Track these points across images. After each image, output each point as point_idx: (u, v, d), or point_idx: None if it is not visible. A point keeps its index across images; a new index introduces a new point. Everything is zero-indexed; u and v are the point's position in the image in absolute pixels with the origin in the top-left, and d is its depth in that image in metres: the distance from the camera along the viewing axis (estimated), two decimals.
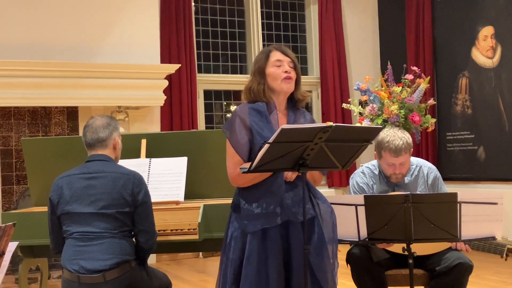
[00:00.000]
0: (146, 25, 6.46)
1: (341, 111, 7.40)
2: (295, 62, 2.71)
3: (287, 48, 2.75)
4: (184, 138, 3.95)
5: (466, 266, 3.14)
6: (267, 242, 2.56)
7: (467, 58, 6.74)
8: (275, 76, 2.65)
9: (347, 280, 3.54)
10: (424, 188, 3.37)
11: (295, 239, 2.58)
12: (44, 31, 5.96)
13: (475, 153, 6.68)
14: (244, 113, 2.62)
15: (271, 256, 2.55)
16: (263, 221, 2.55)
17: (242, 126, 2.59)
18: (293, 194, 2.60)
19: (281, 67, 2.65)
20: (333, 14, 7.61)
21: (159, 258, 6.53)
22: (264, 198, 2.57)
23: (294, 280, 2.57)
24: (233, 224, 2.65)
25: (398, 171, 3.27)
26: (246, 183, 2.60)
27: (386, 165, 3.29)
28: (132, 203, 2.92)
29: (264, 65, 2.67)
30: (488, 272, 5.24)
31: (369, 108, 5.92)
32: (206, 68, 7.33)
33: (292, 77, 2.67)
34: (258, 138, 2.58)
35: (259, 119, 2.62)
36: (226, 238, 2.67)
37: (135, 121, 6.49)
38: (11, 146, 5.94)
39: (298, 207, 2.58)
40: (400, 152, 3.20)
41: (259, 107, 2.64)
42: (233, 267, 2.58)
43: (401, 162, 3.24)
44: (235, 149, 2.59)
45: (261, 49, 2.81)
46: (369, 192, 3.36)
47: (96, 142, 3.01)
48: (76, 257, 2.87)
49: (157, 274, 3.18)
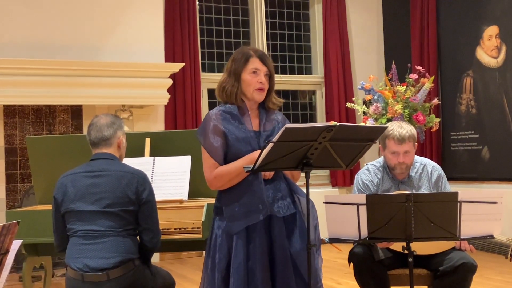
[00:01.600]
0: (151, 24, 6.46)
1: (345, 110, 7.39)
2: (271, 72, 2.73)
3: (266, 55, 2.76)
4: (188, 137, 3.95)
5: (470, 266, 3.13)
6: (252, 241, 2.58)
7: (471, 58, 6.73)
8: (249, 83, 2.67)
9: (350, 279, 3.54)
10: (428, 186, 3.37)
11: (277, 234, 2.61)
12: (49, 30, 5.97)
13: (479, 153, 6.66)
14: (217, 118, 2.66)
15: (258, 254, 2.57)
16: (246, 219, 2.58)
17: (215, 131, 2.63)
18: (273, 191, 2.63)
19: (257, 77, 2.67)
20: (337, 13, 7.60)
21: (162, 257, 6.54)
22: (245, 197, 2.60)
23: (278, 275, 2.60)
24: (216, 226, 2.67)
25: (402, 160, 3.25)
26: (223, 185, 2.64)
27: (390, 155, 3.29)
28: (136, 201, 2.92)
29: (241, 69, 2.69)
30: (492, 272, 5.23)
31: (373, 107, 5.91)
32: (210, 67, 7.34)
33: (264, 89, 2.69)
34: (231, 140, 2.62)
35: (232, 122, 2.66)
36: (210, 241, 2.69)
37: (139, 119, 6.50)
38: (15, 144, 5.96)
39: (278, 203, 2.62)
40: (404, 140, 3.22)
41: (231, 110, 2.68)
42: (220, 269, 2.60)
43: (405, 150, 3.24)
44: (210, 153, 2.63)
45: (241, 49, 2.79)
46: (373, 189, 3.37)
47: (100, 141, 3.02)
48: (80, 256, 2.87)
49: (161, 273, 3.19)
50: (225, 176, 2.60)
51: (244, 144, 2.61)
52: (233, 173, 2.59)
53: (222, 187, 2.65)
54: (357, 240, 2.82)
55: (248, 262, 2.56)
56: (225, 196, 2.67)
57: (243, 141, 2.62)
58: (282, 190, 2.66)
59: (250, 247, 2.58)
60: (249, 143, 2.62)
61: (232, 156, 2.62)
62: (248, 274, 2.55)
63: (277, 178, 2.67)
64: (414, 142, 3.28)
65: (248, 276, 2.55)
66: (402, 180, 3.38)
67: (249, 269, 2.56)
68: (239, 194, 2.62)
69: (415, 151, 3.34)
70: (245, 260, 2.56)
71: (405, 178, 3.38)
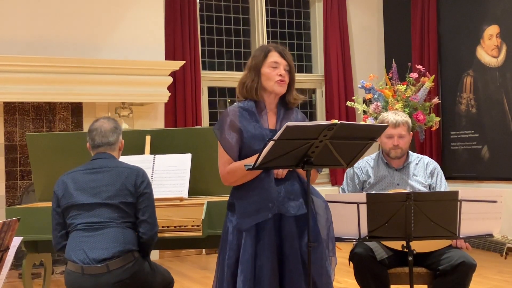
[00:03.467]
0: (151, 22, 6.47)
1: (345, 109, 7.39)
2: (291, 66, 2.74)
3: (286, 49, 2.78)
4: (188, 135, 3.96)
5: (469, 265, 3.14)
6: (261, 238, 2.58)
7: (472, 57, 6.73)
8: (269, 77, 2.68)
9: (350, 278, 3.54)
10: (423, 175, 3.47)
11: (288, 233, 2.61)
12: (49, 27, 5.97)
13: (479, 152, 6.67)
14: (234, 114, 2.67)
15: (266, 252, 2.57)
16: (255, 216, 2.58)
17: (232, 127, 2.64)
18: (285, 190, 2.63)
19: (277, 70, 2.68)
20: (337, 11, 7.60)
21: (162, 255, 6.54)
22: (256, 194, 2.61)
23: (287, 275, 2.60)
24: (229, 223, 2.68)
25: (396, 143, 3.42)
26: (236, 181, 2.65)
27: (385, 139, 3.45)
28: (135, 193, 2.99)
29: (261, 63, 2.71)
30: (491, 271, 5.23)
31: (373, 106, 5.91)
32: (211, 65, 7.34)
33: (285, 81, 2.70)
34: (246, 138, 2.63)
35: (249, 118, 2.67)
36: (222, 236, 2.70)
37: (139, 117, 6.49)
38: (15, 141, 5.96)
39: (289, 202, 2.62)
40: (399, 124, 3.42)
41: (249, 107, 2.69)
42: (229, 265, 2.61)
43: (400, 134, 3.43)
44: (225, 149, 2.64)
45: (261, 46, 2.83)
46: (362, 177, 3.50)
47: (105, 145, 3.12)
48: (80, 247, 2.91)
49: (160, 270, 3.21)
50: (237, 172, 2.60)
51: (258, 142, 2.61)
52: (245, 170, 2.57)
53: (235, 183, 2.66)
54: (357, 239, 2.83)
55: (256, 259, 2.57)
56: (237, 192, 2.68)
57: (258, 139, 2.62)
58: (295, 190, 2.65)
59: (259, 244, 2.58)
60: (263, 141, 2.61)
61: (246, 153, 2.63)
62: (255, 271, 2.55)
63: (290, 177, 2.66)
64: (408, 128, 3.46)
65: (256, 273, 2.55)
66: (398, 168, 3.48)
67: (257, 266, 2.56)
68: (250, 191, 2.62)
69: (409, 139, 3.48)
70: (253, 257, 2.56)
71: (400, 166, 3.48)
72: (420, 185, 3.42)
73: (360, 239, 2.84)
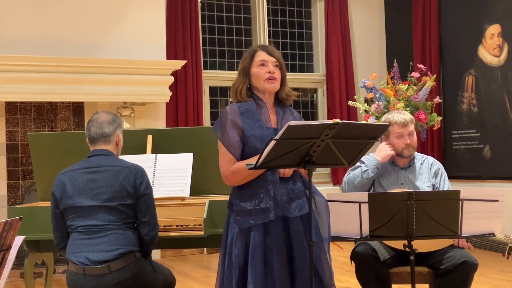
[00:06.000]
0: (152, 21, 6.47)
1: (347, 108, 7.39)
2: (280, 62, 2.74)
3: (273, 47, 2.78)
4: (190, 134, 3.96)
5: (471, 264, 3.14)
6: (270, 237, 2.58)
7: (473, 56, 6.72)
8: (258, 76, 2.69)
9: (351, 277, 3.54)
10: (427, 175, 3.47)
11: (295, 232, 2.61)
12: (50, 27, 5.97)
13: (480, 152, 6.66)
14: (235, 113, 2.66)
15: (276, 250, 2.57)
16: (256, 217, 2.58)
17: (232, 126, 2.63)
18: (288, 190, 2.63)
19: (265, 67, 2.69)
20: (339, 11, 7.60)
21: (163, 254, 6.55)
22: (257, 194, 2.60)
23: (298, 274, 2.60)
24: (231, 223, 2.67)
25: (408, 141, 3.44)
26: (239, 181, 2.64)
27: (396, 140, 3.45)
28: (134, 194, 2.94)
29: (249, 65, 2.72)
30: (493, 271, 5.23)
31: (375, 105, 5.91)
32: (212, 65, 7.34)
33: (276, 77, 2.70)
34: (249, 136, 2.62)
35: (249, 117, 2.66)
36: (226, 237, 2.68)
37: (140, 117, 6.50)
38: (17, 141, 5.96)
39: (292, 202, 2.62)
40: (407, 122, 3.44)
41: (248, 106, 2.69)
42: (238, 265, 2.59)
43: (410, 132, 3.45)
44: (227, 148, 2.63)
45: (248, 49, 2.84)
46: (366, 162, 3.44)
47: (100, 137, 3.04)
48: (81, 250, 2.89)
49: (162, 269, 3.19)
50: (243, 172, 2.58)
51: (261, 141, 2.60)
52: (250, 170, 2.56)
53: (238, 183, 2.65)
54: (358, 238, 2.83)
55: (266, 256, 2.56)
56: (239, 192, 2.66)
57: (260, 138, 2.62)
58: (298, 189, 2.65)
59: (267, 241, 2.58)
60: (265, 140, 2.60)
61: (249, 152, 2.62)
62: (266, 268, 2.55)
63: (293, 176, 2.66)
64: (415, 125, 3.53)
65: (266, 270, 2.55)
66: (404, 167, 3.48)
67: (267, 263, 2.56)
68: (252, 191, 2.61)
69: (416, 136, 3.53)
70: (263, 254, 2.56)
71: (406, 165, 3.49)
72: (425, 185, 3.42)
73: (362, 238, 2.84)
